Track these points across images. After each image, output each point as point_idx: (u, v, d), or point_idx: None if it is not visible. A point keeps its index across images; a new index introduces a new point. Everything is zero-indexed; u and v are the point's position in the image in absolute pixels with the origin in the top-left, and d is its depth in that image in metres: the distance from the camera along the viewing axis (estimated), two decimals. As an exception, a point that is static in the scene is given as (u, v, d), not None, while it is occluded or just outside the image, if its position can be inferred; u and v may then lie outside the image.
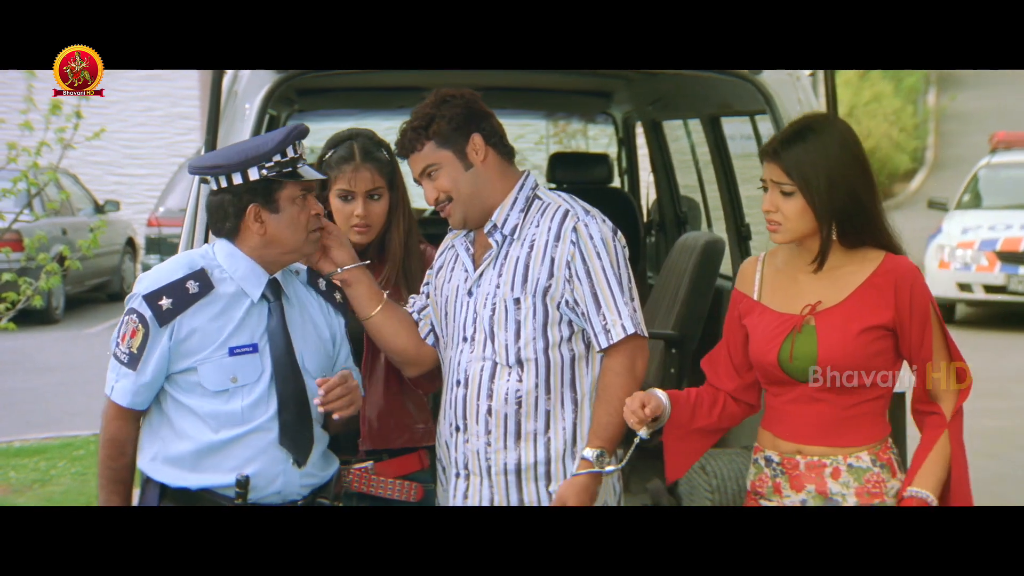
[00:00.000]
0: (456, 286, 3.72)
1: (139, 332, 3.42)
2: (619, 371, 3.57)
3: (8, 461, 8.72)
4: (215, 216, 3.54)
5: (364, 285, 3.76)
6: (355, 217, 3.96)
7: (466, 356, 3.66)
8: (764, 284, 3.55)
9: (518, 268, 3.61)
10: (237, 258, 3.51)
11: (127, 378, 3.45)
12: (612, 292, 3.57)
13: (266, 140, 3.49)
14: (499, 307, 3.61)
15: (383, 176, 3.98)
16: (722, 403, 3.58)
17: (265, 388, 3.49)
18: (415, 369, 3.84)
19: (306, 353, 3.57)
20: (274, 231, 3.50)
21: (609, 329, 3.56)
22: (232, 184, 3.48)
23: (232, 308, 3.49)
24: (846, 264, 3.43)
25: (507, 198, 3.66)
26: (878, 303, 3.39)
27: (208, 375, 3.45)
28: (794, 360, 3.42)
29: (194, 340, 3.44)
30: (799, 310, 3.44)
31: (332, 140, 4.06)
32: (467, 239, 3.75)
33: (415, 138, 3.63)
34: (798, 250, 3.48)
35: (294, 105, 6.49)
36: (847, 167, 3.37)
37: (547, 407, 3.61)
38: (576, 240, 3.58)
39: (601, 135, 16.45)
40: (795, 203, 3.38)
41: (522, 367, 3.60)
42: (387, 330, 3.77)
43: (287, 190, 3.50)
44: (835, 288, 3.43)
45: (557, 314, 3.59)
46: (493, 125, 3.69)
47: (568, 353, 3.62)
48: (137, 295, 3.45)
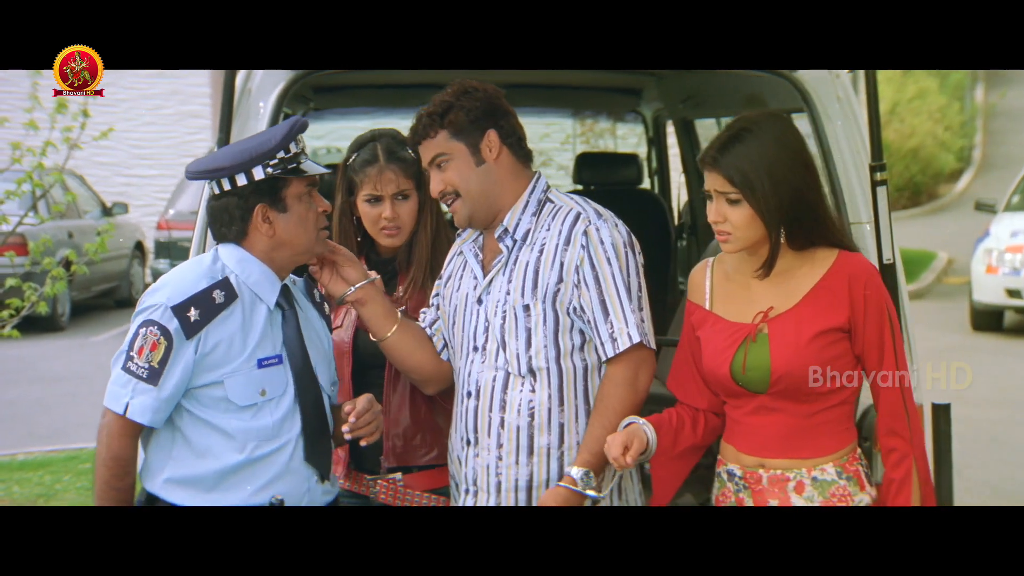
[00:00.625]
0: (465, 294, 3.73)
1: (161, 345, 3.37)
2: (619, 382, 3.58)
3: (11, 475, 8.76)
4: (220, 221, 3.52)
5: (379, 304, 3.76)
6: (383, 220, 3.98)
7: (477, 366, 3.67)
8: (715, 292, 3.54)
9: (528, 273, 3.62)
10: (250, 263, 3.50)
11: (147, 394, 3.37)
12: (620, 299, 3.57)
13: (269, 137, 3.48)
14: (509, 314, 3.62)
15: (409, 176, 4.00)
16: (703, 421, 3.57)
17: (291, 401, 3.48)
18: (434, 386, 3.85)
19: (318, 366, 3.57)
20: (283, 231, 3.49)
21: (616, 337, 3.57)
22: (236, 186, 3.46)
23: (252, 317, 3.47)
24: (798, 266, 3.42)
25: (518, 201, 3.67)
26: (832, 304, 3.37)
27: (236, 389, 3.42)
28: (748, 371, 3.41)
29: (219, 352, 3.41)
30: (751, 318, 3.43)
31: (355, 143, 4.08)
32: (476, 245, 3.76)
33: (429, 124, 3.65)
34: (747, 256, 3.46)
35: (309, 103, 6.51)
36: (788, 166, 3.35)
37: (561, 420, 3.62)
38: (586, 244, 3.59)
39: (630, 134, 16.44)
40: (742, 210, 3.36)
41: (535, 377, 3.61)
42: (403, 349, 3.78)
43: (293, 187, 3.49)
44: (787, 292, 3.42)
45: (568, 320, 3.60)
46: (512, 124, 3.70)
47: (580, 363, 3.63)
48: (160, 306, 3.38)
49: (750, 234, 3.38)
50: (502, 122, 3.68)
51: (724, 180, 3.36)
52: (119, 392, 3.40)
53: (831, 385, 3.37)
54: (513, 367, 3.62)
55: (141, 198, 20.68)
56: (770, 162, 3.34)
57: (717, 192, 3.39)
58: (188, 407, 3.43)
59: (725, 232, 3.40)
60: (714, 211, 3.40)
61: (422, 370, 3.81)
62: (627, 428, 3.48)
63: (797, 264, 3.41)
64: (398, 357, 3.80)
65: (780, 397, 3.39)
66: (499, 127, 3.66)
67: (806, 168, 3.38)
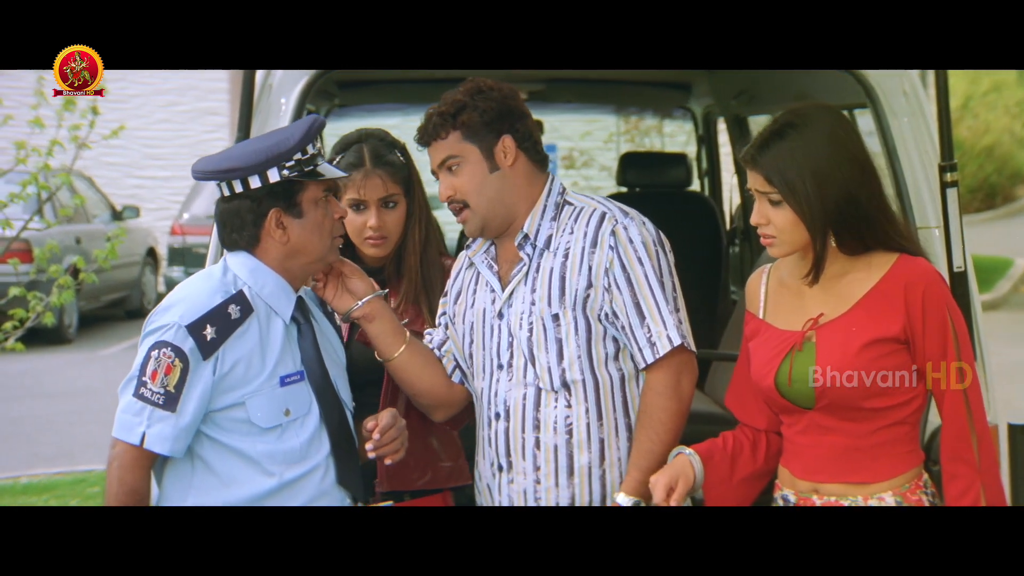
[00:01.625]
0: (482, 309, 3.72)
1: (176, 367, 3.34)
2: (661, 390, 3.57)
3: (14, 499, 8.78)
4: (230, 225, 3.50)
5: (387, 320, 3.74)
6: (368, 228, 3.98)
7: (504, 385, 3.66)
8: (769, 300, 3.52)
9: (553, 280, 3.62)
10: (263, 274, 3.48)
11: (165, 422, 3.34)
12: (656, 301, 3.57)
13: (286, 136, 3.46)
14: (537, 326, 3.62)
15: (397, 181, 4.00)
16: (764, 444, 3.52)
17: (317, 421, 3.47)
18: (444, 411, 3.84)
19: (338, 381, 3.57)
20: (298, 238, 3.47)
21: (655, 342, 3.57)
22: (249, 188, 3.45)
23: (270, 332, 3.46)
24: (851, 271, 3.38)
25: (535, 207, 3.67)
26: (886, 312, 3.31)
27: (259, 409, 3.40)
28: (793, 383, 3.37)
29: (239, 371, 3.39)
30: (801, 326, 3.39)
31: (339, 144, 4.08)
32: (488, 255, 3.75)
33: (441, 124, 3.65)
34: (799, 260, 3.43)
35: (334, 99, 6.53)
36: (837, 164, 3.30)
37: (600, 435, 3.61)
38: (615, 245, 3.59)
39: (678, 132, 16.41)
40: (785, 212, 3.33)
41: (569, 391, 3.61)
42: (413, 370, 3.76)
43: (309, 191, 3.47)
44: (839, 298, 3.37)
45: (600, 327, 3.60)
46: (528, 127, 3.69)
47: (617, 372, 3.63)
48: (172, 326, 3.36)
49: (795, 237, 3.35)
50: (518, 125, 3.67)
51: (763, 179, 3.35)
52: (132, 421, 3.36)
53: (887, 401, 3.32)
54: (545, 382, 3.62)
55: (154, 201, 20.79)
56: (816, 161, 3.30)
57: (759, 192, 3.38)
58: (208, 432, 3.41)
59: (768, 235, 3.39)
60: (756, 212, 3.39)
61: (432, 394, 3.80)
62: (673, 463, 3.46)
63: (851, 268, 3.37)
64: (407, 379, 3.77)
65: (830, 414, 3.34)
66: (515, 131, 3.66)
67: (859, 167, 3.33)
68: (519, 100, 3.71)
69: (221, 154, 3.53)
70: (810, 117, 3.37)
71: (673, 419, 3.56)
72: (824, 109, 3.42)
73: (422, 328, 3.91)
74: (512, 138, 3.65)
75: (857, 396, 3.31)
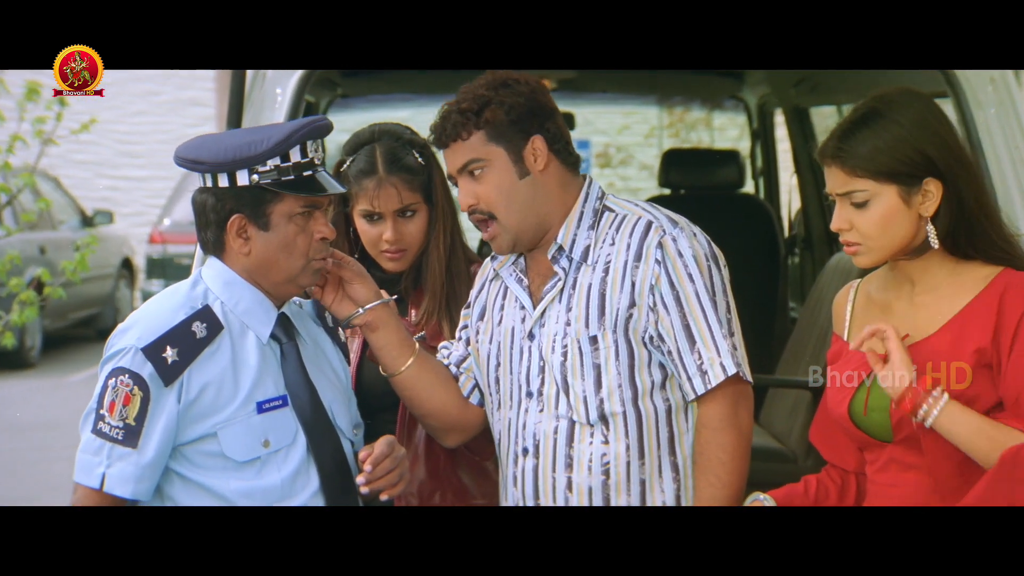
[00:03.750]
0: (510, 329, 3.71)
1: (135, 397, 3.35)
2: (718, 426, 3.55)
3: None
4: (198, 221, 3.51)
5: (392, 329, 3.73)
6: (384, 242, 3.98)
7: (533, 416, 3.65)
8: (854, 319, 3.50)
9: (592, 298, 3.61)
10: (238, 288, 3.48)
11: (125, 460, 3.34)
12: (708, 323, 3.56)
13: (261, 138, 3.44)
14: (572, 349, 3.61)
15: (415, 189, 3.99)
16: (855, 488, 3.50)
17: (303, 453, 3.46)
18: (456, 436, 3.84)
19: (335, 406, 3.56)
20: (261, 253, 3.45)
21: (706, 370, 3.55)
22: (217, 185, 3.45)
23: (244, 352, 3.46)
24: (949, 284, 3.36)
25: (571, 214, 3.66)
26: (979, 331, 3.29)
27: (233, 441, 3.40)
28: (870, 412, 3.35)
29: (207, 397, 3.39)
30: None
31: (350, 144, 4.07)
32: (516, 268, 3.74)
33: (462, 123, 3.62)
34: (892, 273, 3.42)
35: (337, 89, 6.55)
36: (935, 154, 3.31)
37: (642, 476, 3.60)
38: (662, 258, 3.57)
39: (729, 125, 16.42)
40: (872, 213, 3.31)
41: (607, 425, 3.60)
42: (421, 387, 3.76)
43: (284, 204, 3.44)
44: (930, 316, 3.35)
45: (644, 352, 3.59)
46: (559, 125, 3.68)
47: (663, 404, 3.62)
48: (128, 348, 3.36)
49: (884, 243, 3.34)
50: (548, 124, 3.66)
51: (847, 175, 3.33)
52: (91, 462, 3.36)
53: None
54: (579, 414, 3.61)
55: (129, 205, 20.86)
56: (909, 149, 3.30)
57: (839, 195, 3.37)
58: (177, 469, 3.41)
59: (852, 243, 3.37)
60: (838, 216, 3.37)
61: (444, 415, 3.79)
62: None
63: (949, 282, 3.36)
64: (414, 398, 3.77)
65: (914, 449, 3.32)
66: (545, 130, 3.64)
67: (956, 159, 3.33)
68: (548, 95, 3.70)
69: (201, 139, 3.53)
70: (897, 103, 3.36)
71: (735, 458, 3.54)
72: (913, 94, 3.40)
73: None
74: (543, 139, 3.64)
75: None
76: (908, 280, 3.40)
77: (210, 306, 3.45)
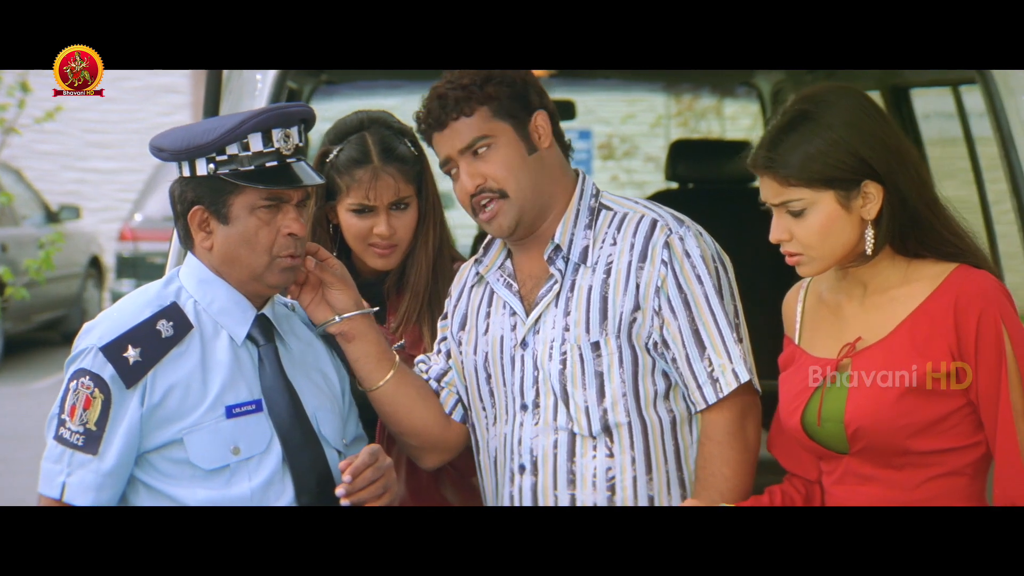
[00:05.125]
0: (498, 337, 3.71)
1: (96, 400, 3.37)
2: (723, 439, 3.56)
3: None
4: (172, 210, 3.58)
5: (371, 341, 3.73)
6: (375, 236, 3.98)
7: (529, 430, 3.65)
8: (805, 321, 3.52)
9: (593, 301, 3.61)
10: (213, 286, 3.50)
11: (85, 467, 3.36)
12: (720, 327, 3.57)
13: (215, 126, 3.48)
14: (572, 356, 3.61)
15: (410, 179, 4.00)
16: (820, 498, 3.51)
17: (278, 462, 3.47)
18: (437, 456, 3.83)
19: (320, 414, 3.56)
20: (221, 246, 3.48)
21: (717, 377, 3.56)
22: (182, 174, 3.50)
23: (215, 353, 3.47)
24: (899, 284, 3.38)
25: (568, 210, 3.66)
26: (933, 334, 3.31)
27: (199, 447, 3.41)
28: (824, 422, 3.36)
29: (173, 400, 3.40)
30: (836, 352, 3.40)
31: (336, 132, 4.06)
32: (503, 272, 3.74)
33: (464, 98, 3.60)
34: (843, 273, 3.43)
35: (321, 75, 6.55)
36: (867, 151, 3.32)
37: (650, 492, 3.61)
38: (669, 259, 3.58)
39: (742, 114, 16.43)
40: (810, 221, 3.33)
41: (611, 436, 3.60)
42: (400, 404, 3.76)
43: (245, 195, 3.46)
44: (882, 318, 3.38)
45: (648, 359, 3.60)
46: (553, 111, 3.70)
47: (667, 414, 3.62)
48: (89, 349, 3.40)
49: (826, 251, 3.35)
50: (546, 102, 3.69)
51: (780, 184, 3.34)
52: (52, 471, 3.39)
53: (938, 443, 3.31)
54: (581, 425, 3.61)
55: (98, 199, 20.86)
56: (842, 149, 3.31)
57: (775, 205, 3.37)
58: (143, 478, 3.42)
59: (794, 253, 3.38)
60: (776, 227, 3.38)
61: (424, 433, 3.78)
62: None
63: (899, 281, 3.38)
64: (392, 414, 3.77)
65: (869, 460, 3.35)
66: (546, 108, 3.67)
67: (893, 154, 3.34)
68: (540, 86, 3.71)
69: (180, 126, 3.59)
70: (827, 102, 3.37)
71: (739, 474, 3.55)
72: (844, 90, 3.42)
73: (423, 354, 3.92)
74: (547, 115, 3.66)
75: (900, 435, 3.31)
76: (859, 282, 3.42)
77: (178, 303, 3.47)
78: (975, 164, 6.10)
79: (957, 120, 5.97)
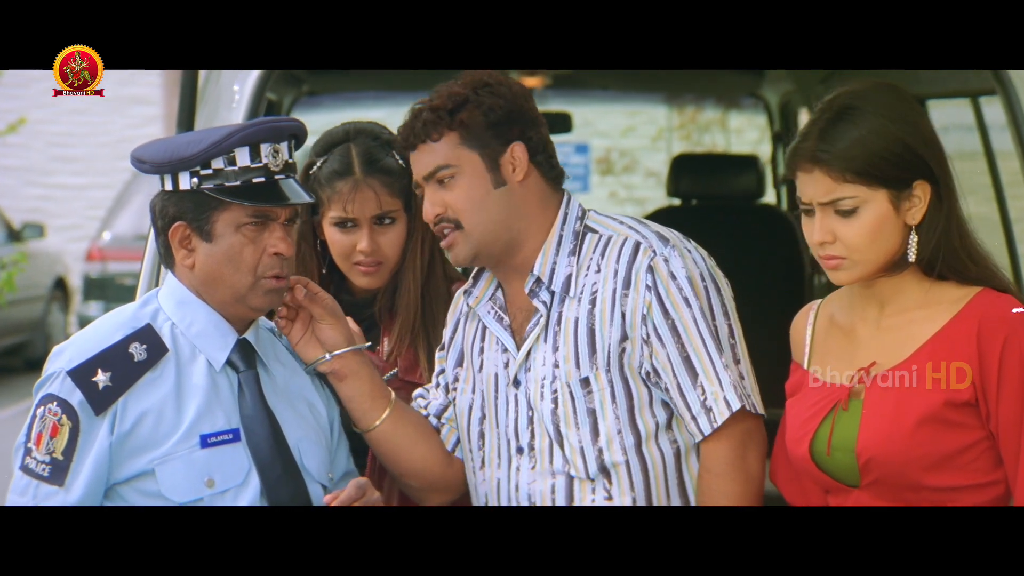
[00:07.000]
0: (492, 376, 3.71)
1: (63, 427, 3.37)
2: (723, 471, 3.56)
3: None
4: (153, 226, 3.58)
5: (364, 379, 3.74)
6: (359, 253, 3.99)
7: (526, 475, 3.66)
8: (815, 345, 3.52)
9: (580, 334, 3.61)
10: (192, 307, 3.51)
11: (50, 499, 3.37)
12: (708, 352, 3.56)
13: (199, 139, 3.50)
14: (563, 395, 3.61)
15: (395, 193, 4.00)
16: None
17: (255, 495, 3.47)
18: (439, 496, 3.84)
19: (303, 445, 3.56)
20: (203, 265, 3.49)
21: (710, 406, 3.55)
22: (164, 188, 3.51)
23: (190, 378, 3.47)
24: (919, 306, 3.38)
25: (549, 237, 3.66)
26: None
27: (171, 479, 3.41)
28: (834, 452, 3.36)
29: (144, 429, 3.41)
30: (849, 378, 3.40)
31: (321, 144, 4.09)
32: (494, 304, 3.74)
33: (434, 122, 3.62)
34: (859, 292, 3.43)
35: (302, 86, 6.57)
36: (923, 148, 3.33)
37: None
38: (653, 284, 3.57)
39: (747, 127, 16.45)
40: (859, 222, 3.32)
41: (609, 478, 3.61)
42: (398, 443, 3.77)
43: (230, 212, 3.48)
44: (899, 342, 3.37)
45: (644, 391, 3.60)
46: (543, 136, 3.69)
47: (670, 447, 3.63)
48: (57, 373, 3.40)
49: (873, 254, 3.34)
50: (531, 132, 3.67)
51: (832, 178, 3.32)
52: (18, 504, 3.39)
53: (956, 479, 3.31)
54: (577, 468, 3.62)
55: (64, 217, 20.84)
56: (894, 147, 3.31)
57: (820, 204, 3.35)
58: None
59: (835, 256, 3.36)
60: (820, 228, 3.35)
61: (425, 473, 3.80)
62: None
63: (919, 303, 3.38)
64: (390, 455, 3.78)
65: (880, 496, 3.35)
66: (527, 139, 3.66)
67: (942, 159, 3.36)
68: (532, 103, 3.72)
69: (166, 138, 3.62)
70: (871, 97, 3.37)
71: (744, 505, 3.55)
72: (886, 86, 3.42)
73: (420, 380, 3.93)
74: (524, 147, 3.65)
75: (914, 468, 3.31)
76: (876, 301, 3.42)
77: (152, 325, 3.47)
78: (996, 179, 6.12)
79: (976, 133, 5.99)
